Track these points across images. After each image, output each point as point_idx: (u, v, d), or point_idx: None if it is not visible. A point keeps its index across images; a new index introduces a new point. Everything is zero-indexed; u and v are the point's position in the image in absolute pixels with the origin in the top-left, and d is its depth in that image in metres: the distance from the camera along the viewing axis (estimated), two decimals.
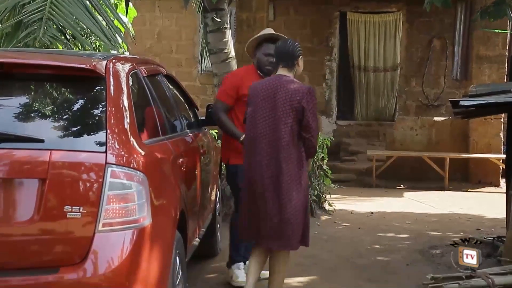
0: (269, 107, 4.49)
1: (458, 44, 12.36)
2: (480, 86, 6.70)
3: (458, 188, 11.11)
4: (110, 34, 5.81)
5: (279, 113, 4.44)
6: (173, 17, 13.35)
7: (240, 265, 5.35)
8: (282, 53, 4.65)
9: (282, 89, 4.47)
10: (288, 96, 4.44)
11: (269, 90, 4.52)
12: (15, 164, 3.17)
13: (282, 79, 4.55)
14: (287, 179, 4.41)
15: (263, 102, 4.52)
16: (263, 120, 4.50)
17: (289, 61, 4.61)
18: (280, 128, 4.42)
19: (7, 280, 3.09)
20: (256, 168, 4.48)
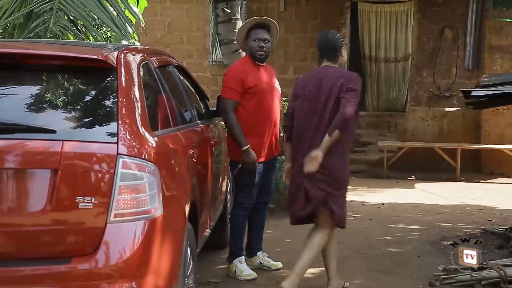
0: (316, 98, 4.64)
1: (470, 34, 12.28)
2: (492, 76, 6.65)
3: (470, 179, 11.07)
4: (121, 25, 5.81)
5: (326, 102, 4.60)
6: (183, 8, 13.34)
7: (241, 259, 5.35)
8: (324, 47, 4.79)
9: (328, 78, 4.64)
10: (333, 82, 4.60)
11: (315, 81, 4.69)
12: (27, 154, 3.18)
13: (327, 69, 4.72)
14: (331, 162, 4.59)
15: (310, 94, 4.68)
16: (311, 110, 4.66)
17: (332, 53, 4.77)
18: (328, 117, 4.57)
19: (20, 270, 3.11)
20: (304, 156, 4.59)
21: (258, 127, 5.20)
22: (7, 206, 3.16)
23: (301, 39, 12.84)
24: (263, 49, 5.22)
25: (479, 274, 4.98)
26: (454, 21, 12.51)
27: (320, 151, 4.50)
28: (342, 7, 12.79)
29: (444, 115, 12.02)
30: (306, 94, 4.72)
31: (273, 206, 7.42)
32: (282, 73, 12.59)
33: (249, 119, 5.17)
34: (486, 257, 5.63)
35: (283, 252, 6.05)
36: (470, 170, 11.51)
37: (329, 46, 4.78)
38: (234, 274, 5.28)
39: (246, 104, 5.17)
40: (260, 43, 5.21)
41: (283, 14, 12.67)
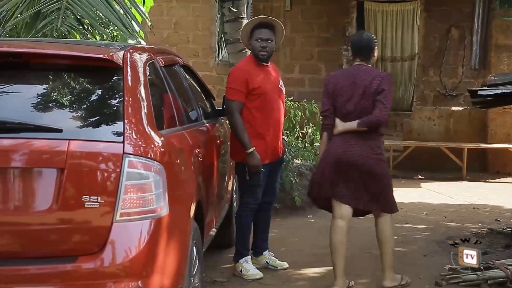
0: (350, 95, 4.83)
1: (476, 33, 12.24)
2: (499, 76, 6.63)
3: (476, 179, 11.04)
4: (128, 24, 5.82)
5: (362, 99, 4.80)
6: (189, 7, 13.34)
7: (247, 259, 5.34)
8: (359, 47, 4.96)
9: (362, 76, 4.84)
10: (369, 82, 4.80)
11: (349, 79, 4.87)
12: (34, 153, 3.18)
13: (361, 68, 4.91)
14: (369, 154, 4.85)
15: (344, 91, 4.85)
16: (344, 107, 4.84)
17: (366, 54, 4.94)
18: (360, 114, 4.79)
19: (26, 269, 3.12)
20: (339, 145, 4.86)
21: (262, 129, 5.17)
22: (14, 205, 3.17)
23: (307, 38, 12.82)
24: (265, 49, 5.19)
25: (485, 273, 4.97)
26: (461, 20, 12.47)
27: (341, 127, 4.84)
28: (348, 6, 12.77)
29: (450, 114, 11.98)
30: (339, 92, 4.87)
31: (278, 205, 7.42)
32: (288, 72, 12.58)
33: (254, 121, 5.14)
34: (492, 256, 5.62)
35: (288, 251, 6.05)
36: (477, 169, 11.47)
37: (363, 46, 4.93)
38: (240, 274, 5.28)
39: (251, 105, 5.14)
40: (263, 43, 5.18)
41: (289, 13, 12.65)
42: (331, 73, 5.15)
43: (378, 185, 4.90)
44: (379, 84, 4.78)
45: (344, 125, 4.84)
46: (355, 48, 4.97)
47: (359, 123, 4.77)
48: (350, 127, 4.81)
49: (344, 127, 4.83)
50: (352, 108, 4.82)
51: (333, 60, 12.72)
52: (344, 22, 12.73)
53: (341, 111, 4.88)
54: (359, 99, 4.81)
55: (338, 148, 4.85)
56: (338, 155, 4.84)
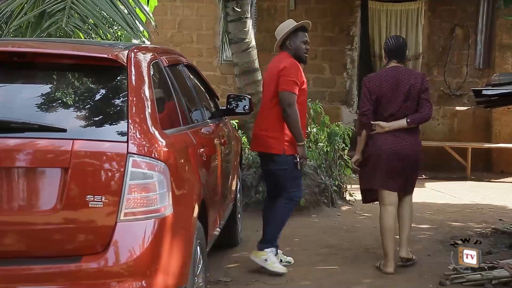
0: (395, 96, 5.28)
1: (480, 32, 12.21)
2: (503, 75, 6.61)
3: (481, 178, 11.02)
4: (133, 23, 5.83)
5: (406, 98, 5.28)
6: (194, 7, 13.33)
7: (274, 251, 5.35)
8: (395, 50, 5.43)
9: (404, 77, 5.32)
10: (413, 82, 5.30)
11: (392, 79, 5.31)
12: (38, 153, 3.19)
13: (399, 69, 5.38)
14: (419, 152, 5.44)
15: (388, 91, 5.29)
16: (392, 104, 5.29)
17: (402, 56, 5.47)
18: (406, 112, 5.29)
19: (31, 268, 3.13)
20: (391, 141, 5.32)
21: (302, 124, 5.35)
22: (18, 205, 3.18)
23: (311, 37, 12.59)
24: (307, 51, 5.64)
25: (489, 273, 4.96)
26: (465, 19, 12.45)
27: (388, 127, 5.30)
28: (352, 5, 12.75)
29: (454, 114, 11.96)
30: (383, 94, 5.29)
31: None
32: None
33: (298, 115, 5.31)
34: (496, 256, 5.61)
35: (292, 251, 6.04)
36: (481, 169, 11.45)
37: (400, 48, 5.44)
38: (262, 262, 5.26)
39: (298, 100, 5.30)
40: (307, 46, 5.61)
41: (293, 12, 12.62)
42: (369, 74, 5.58)
43: (415, 172, 5.49)
44: (421, 83, 5.31)
45: (391, 125, 5.29)
46: (392, 51, 5.41)
47: (409, 121, 5.27)
48: (399, 125, 5.28)
49: (392, 126, 5.28)
50: (396, 107, 5.28)
51: (337, 60, 12.71)
52: (348, 22, 12.71)
53: (384, 111, 5.30)
54: (403, 98, 5.28)
55: (391, 143, 5.29)
56: (393, 149, 5.28)
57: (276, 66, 5.37)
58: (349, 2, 12.70)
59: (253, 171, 7.57)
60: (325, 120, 8.36)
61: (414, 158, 5.37)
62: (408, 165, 5.35)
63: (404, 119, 5.27)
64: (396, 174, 5.33)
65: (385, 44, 5.56)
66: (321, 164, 7.96)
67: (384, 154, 5.29)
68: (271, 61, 5.59)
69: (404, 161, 5.31)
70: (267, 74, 5.55)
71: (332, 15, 12.76)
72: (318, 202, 7.72)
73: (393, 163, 5.29)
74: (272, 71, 5.40)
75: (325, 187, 7.84)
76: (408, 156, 5.31)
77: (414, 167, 5.44)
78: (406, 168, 5.35)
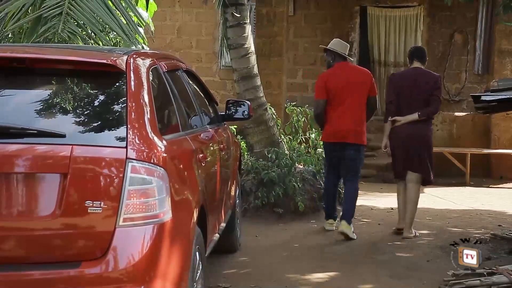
0: (413, 92, 6.60)
1: (480, 38, 12.24)
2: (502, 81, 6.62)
3: (480, 184, 11.01)
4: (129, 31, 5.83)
5: (421, 94, 6.59)
6: (193, 12, 13.36)
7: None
8: (415, 51, 6.85)
9: (421, 77, 6.66)
10: (427, 81, 6.63)
11: (411, 78, 6.68)
12: (37, 158, 3.19)
13: (419, 70, 6.73)
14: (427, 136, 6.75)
15: (408, 88, 6.62)
16: (408, 100, 6.60)
17: (421, 57, 6.75)
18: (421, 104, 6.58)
19: (30, 274, 3.12)
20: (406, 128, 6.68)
21: None
22: (17, 210, 3.17)
23: (310, 43, 12.83)
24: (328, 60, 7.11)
25: (489, 279, 4.95)
26: (464, 25, 12.48)
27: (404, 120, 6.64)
28: (352, 11, 12.78)
29: (453, 119, 11.97)
30: (403, 89, 6.64)
31: (281, 211, 7.41)
32: (291, 77, 12.58)
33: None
34: (496, 262, 5.60)
35: (291, 256, 6.04)
36: (480, 175, 11.45)
37: (422, 52, 6.83)
38: (352, 234, 6.67)
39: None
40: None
41: (292, 18, 12.66)
42: (394, 72, 7.42)
43: (426, 153, 6.70)
44: (434, 83, 6.64)
45: (406, 118, 6.62)
46: (415, 54, 6.76)
47: (419, 114, 6.57)
48: (412, 118, 6.59)
49: (407, 119, 6.61)
50: (412, 102, 6.59)
51: None
52: (347, 27, 12.74)
53: (403, 103, 6.63)
54: (418, 95, 6.58)
55: (407, 130, 6.63)
56: (408, 133, 6.63)
57: (358, 72, 6.94)
58: (348, 8, 12.73)
59: (252, 176, 7.56)
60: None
61: (423, 139, 6.68)
62: (421, 145, 6.66)
63: (416, 113, 6.56)
64: (411, 155, 6.65)
65: (408, 51, 7.02)
66: (320, 170, 7.96)
67: (400, 138, 6.67)
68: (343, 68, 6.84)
69: (417, 141, 6.64)
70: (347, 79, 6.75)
71: (331, 21, 12.78)
72: (317, 208, 7.72)
73: (408, 144, 6.64)
74: (354, 78, 6.80)
75: None
76: (421, 136, 6.64)
77: (426, 148, 6.71)
78: (419, 148, 6.65)
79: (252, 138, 8.25)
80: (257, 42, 11.33)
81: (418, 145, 6.67)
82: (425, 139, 6.70)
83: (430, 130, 6.78)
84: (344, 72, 6.81)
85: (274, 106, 9.24)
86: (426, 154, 6.74)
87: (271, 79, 11.46)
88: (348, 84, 6.72)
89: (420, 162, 6.71)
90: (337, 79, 6.76)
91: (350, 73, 6.85)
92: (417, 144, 6.66)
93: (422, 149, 6.69)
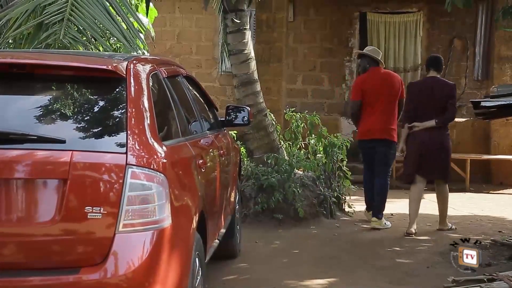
0: (430, 100, 6.97)
1: (479, 44, 12.25)
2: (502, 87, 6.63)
3: (480, 190, 11.00)
4: (130, 36, 5.84)
5: (437, 102, 6.97)
6: (193, 18, 13.37)
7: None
8: (434, 61, 7.21)
9: (438, 85, 7.06)
10: (442, 88, 7.03)
11: (428, 86, 7.06)
12: (36, 164, 3.19)
13: (436, 79, 7.12)
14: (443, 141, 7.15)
15: (425, 96, 7.01)
16: (426, 107, 6.99)
17: (437, 66, 7.16)
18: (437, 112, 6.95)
19: (29, 280, 3.12)
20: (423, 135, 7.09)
21: None
22: (17, 216, 3.17)
23: (310, 49, 12.84)
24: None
25: (489, 285, 4.94)
26: (463, 31, 12.49)
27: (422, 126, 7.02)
28: (351, 17, 12.79)
29: (453, 125, 11.91)
30: (421, 96, 7.04)
31: (281, 217, 7.41)
32: (290, 82, 12.58)
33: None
34: (496, 268, 5.59)
35: (291, 262, 6.03)
36: (480, 180, 11.44)
37: (438, 61, 7.20)
38: (384, 226, 7.51)
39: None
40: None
41: (292, 24, 12.67)
42: (412, 82, 8.12)
43: (444, 156, 7.10)
44: (450, 91, 7.03)
45: (423, 124, 7.00)
46: (432, 63, 7.16)
47: (437, 122, 6.95)
48: (430, 124, 6.97)
49: (424, 125, 6.99)
50: (429, 109, 6.96)
51: (336, 71, 12.74)
52: (347, 33, 12.75)
53: (421, 110, 7.01)
54: (434, 102, 6.96)
55: (424, 136, 7.01)
56: (425, 140, 6.99)
57: (391, 77, 7.64)
58: (348, 14, 12.74)
59: (252, 182, 7.56)
60: (322, 132, 8.38)
61: (441, 143, 7.05)
62: (438, 149, 7.03)
63: (434, 120, 6.94)
64: (424, 160, 7.03)
65: (426, 60, 7.57)
66: (320, 176, 7.96)
67: (417, 144, 7.04)
68: (374, 72, 7.60)
69: (433, 146, 7.00)
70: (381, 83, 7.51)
71: (331, 27, 12.79)
72: (317, 214, 7.71)
73: (423, 150, 7.01)
74: (387, 81, 7.53)
75: (324, 198, 7.83)
76: (436, 142, 7.01)
77: (444, 151, 7.10)
78: (434, 152, 7.01)
79: (252, 144, 8.25)
80: (257, 48, 11.33)
81: (435, 150, 7.02)
82: (442, 145, 7.07)
83: (446, 135, 7.15)
84: (378, 76, 7.59)
85: (273, 112, 9.24)
86: (442, 159, 7.11)
87: (270, 85, 11.47)
88: (381, 87, 7.51)
89: (441, 167, 7.12)
90: (372, 82, 7.55)
91: (383, 77, 7.60)
92: (433, 149, 7.01)
93: (438, 153, 7.04)
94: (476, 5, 11.72)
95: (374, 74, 7.64)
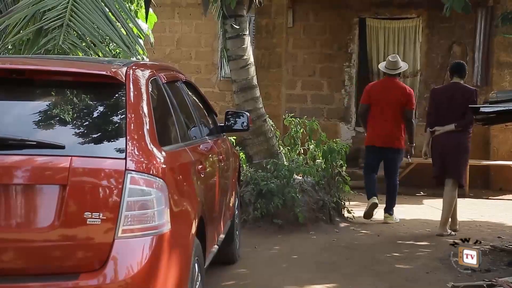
0: (450, 105, 7.30)
1: (478, 50, 12.26)
2: (501, 93, 6.66)
3: (479, 196, 11.01)
4: (129, 42, 5.85)
5: (458, 106, 7.24)
6: (192, 24, 13.38)
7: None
8: (458, 68, 7.51)
9: (459, 91, 7.36)
10: (462, 94, 7.31)
11: (449, 92, 7.42)
12: (36, 170, 3.19)
13: (457, 85, 7.42)
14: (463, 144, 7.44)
15: (445, 101, 7.35)
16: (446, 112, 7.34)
17: (463, 72, 7.49)
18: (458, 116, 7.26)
19: (28, 286, 3.11)
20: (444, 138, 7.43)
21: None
22: (16, 222, 3.17)
23: (309, 54, 12.84)
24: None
25: None
26: (463, 37, 12.50)
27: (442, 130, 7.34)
28: (351, 23, 12.80)
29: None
30: (443, 101, 7.38)
31: (280, 222, 7.40)
32: (290, 88, 12.59)
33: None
34: (495, 274, 5.59)
35: (291, 267, 6.02)
36: (479, 186, 11.44)
37: (462, 68, 7.50)
38: (395, 220, 8.20)
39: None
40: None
41: (291, 29, 12.68)
42: (435, 87, 8.24)
43: (459, 155, 7.37)
44: (470, 97, 7.25)
45: (444, 128, 7.34)
46: (456, 70, 7.47)
47: (456, 125, 7.27)
48: (450, 128, 7.30)
49: (444, 129, 7.33)
50: (450, 114, 7.29)
51: (336, 77, 12.75)
52: (346, 39, 12.76)
53: (442, 115, 7.36)
54: (455, 108, 7.26)
55: (444, 138, 7.35)
56: (444, 142, 7.34)
57: (398, 88, 8.13)
58: (347, 20, 12.76)
59: (251, 187, 7.56)
60: (321, 137, 8.39)
61: (459, 147, 7.34)
62: (456, 151, 7.33)
63: (453, 124, 7.27)
64: (446, 162, 7.36)
65: (449, 66, 8.01)
66: (319, 181, 7.96)
67: (439, 146, 7.41)
68: (386, 82, 8.20)
69: (452, 148, 7.32)
70: (382, 91, 8.08)
71: (330, 32, 12.80)
72: (316, 219, 7.70)
73: (444, 151, 7.36)
74: (395, 91, 8.04)
75: (323, 203, 7.82)
76: (455, 144, 7.32)
77: (461, 153, 7.39)
78: (453, 154, 7.33)
79: (251, 149, 8.25)
80: (256, 54, 11.34)
81: (454, 152, 7.34)
82: (461, 147, 7.37)
83: (466, 138, 7.42)
84: (386, 86, 8.17)
85: (273, 117, 9.24)
86: (460, 160, 7.43)
87: (270, 90, 11.47)
88: (386, 96, 8.04)
89: (454, 167, 7.41)
90: (378, 90, 8.20)
91: (390, 87, 8.11)
92: (453, 151, 7.34)
93: (456, 156, 7.36)
94: (475, 11, 11.73)
95: (381, 83, 8.43)
